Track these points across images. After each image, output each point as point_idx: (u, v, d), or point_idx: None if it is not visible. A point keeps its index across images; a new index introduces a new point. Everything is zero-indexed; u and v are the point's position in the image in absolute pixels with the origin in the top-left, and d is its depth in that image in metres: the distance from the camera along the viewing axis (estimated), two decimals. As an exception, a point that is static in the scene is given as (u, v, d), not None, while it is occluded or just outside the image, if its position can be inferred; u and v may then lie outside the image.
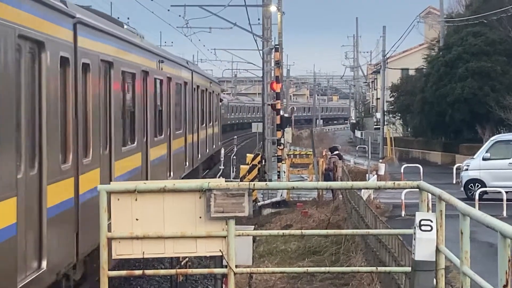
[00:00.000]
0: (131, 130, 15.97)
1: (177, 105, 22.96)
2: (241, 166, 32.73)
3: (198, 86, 28.58)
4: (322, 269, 13.10)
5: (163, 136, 19.75)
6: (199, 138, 28.69)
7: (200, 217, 8.49)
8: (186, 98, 24.85)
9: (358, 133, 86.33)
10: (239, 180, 30.58)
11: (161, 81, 19.55)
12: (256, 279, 15.13)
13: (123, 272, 9.83)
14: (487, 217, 6.45)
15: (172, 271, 11.36)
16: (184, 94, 24.61)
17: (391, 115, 66.91)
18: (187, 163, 24.93)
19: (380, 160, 48.30)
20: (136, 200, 8.46)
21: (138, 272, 9.60)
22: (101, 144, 13.05)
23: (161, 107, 19.50)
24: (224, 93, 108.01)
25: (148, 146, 17.49)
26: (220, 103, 42.84)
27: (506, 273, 5.83)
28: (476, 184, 28.69)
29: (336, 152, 30.51)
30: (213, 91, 35.46)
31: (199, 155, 28.91)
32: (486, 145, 30.28)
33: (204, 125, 31.24)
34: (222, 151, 42.29)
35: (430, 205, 8.62)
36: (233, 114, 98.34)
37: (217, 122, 38.32)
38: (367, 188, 23.07)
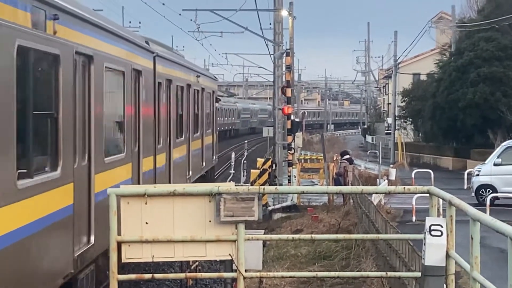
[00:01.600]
0: None
1: (115, 109, 13.77)
2: (252, 170, 32.74)
3: (169, 80, 19.10)
4: (332, 273, 13.06)
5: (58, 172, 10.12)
6: (171, 159, 19.29)
7: (210, 221, 8.48)
8: (139, 98, 15.37)
9: (369, 138, 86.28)
10: (249, 184, 30.59)
11: (56, 58, 9.92)
12: (266, 284, 15.13)
13: (132, 276, 9.80)
14: (497, 222, 6.42)
15: (182, 275, 11.39)
16: (135, 91, 15.09)
17: (402, 120, 66.83)
18: None
19: (391, 165, 48.22)
20: (146, 203, 8.47)
21: (147, 276, 9.60)
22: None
23: (54, 110, 10.05)
24: (235, 97, 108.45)
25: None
26: (217, 104, 31.19)
27: (516, 278, 5.81)
28: (487, 189, 28.63)
29: (347, 156, 30.44)
30: (202, 89, 25.33)
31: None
32: (498, 151, 30.22)
33: (184, 138, 21.58)
34: (233, 155, 42.22)
35: (440, 210, 8.61)
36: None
37: (211, 130, 28.03)
38: (377, 193, 23.03)
